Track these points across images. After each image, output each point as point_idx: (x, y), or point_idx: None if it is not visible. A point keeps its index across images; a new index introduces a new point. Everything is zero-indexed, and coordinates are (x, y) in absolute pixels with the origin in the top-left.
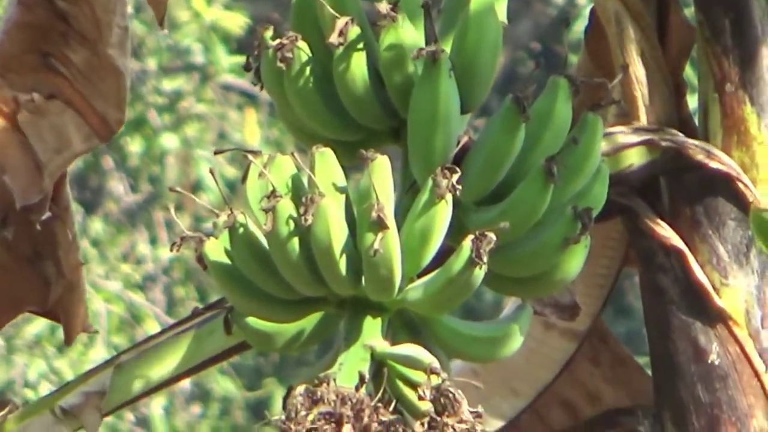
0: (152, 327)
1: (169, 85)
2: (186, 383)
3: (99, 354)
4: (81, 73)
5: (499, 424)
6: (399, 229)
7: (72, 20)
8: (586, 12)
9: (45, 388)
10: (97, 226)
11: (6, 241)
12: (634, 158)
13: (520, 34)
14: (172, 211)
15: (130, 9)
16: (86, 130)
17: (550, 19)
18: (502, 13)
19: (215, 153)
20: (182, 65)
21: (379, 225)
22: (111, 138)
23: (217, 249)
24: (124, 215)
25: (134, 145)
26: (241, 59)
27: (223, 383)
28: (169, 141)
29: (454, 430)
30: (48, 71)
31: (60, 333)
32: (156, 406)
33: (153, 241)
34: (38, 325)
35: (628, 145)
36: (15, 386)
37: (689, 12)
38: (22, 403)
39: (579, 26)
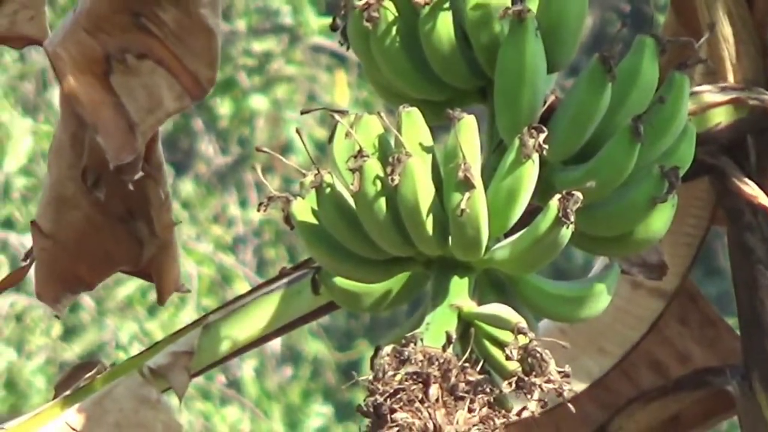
0: (242, 288)
1: (258, 46)
2: (277, 345)
3: (189, 316)
4: (172, 32)
5: (587, 383)
6: (486, 188)
7: None
8: None
9: (136, 350)
10: (187, 187)
11: (99, 201)
12: (722, 117)
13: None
14: (260, 172)
15: None
16: (178, 90)
17: None
18: None
19: (302, 113)
20: (271, 26)
21: (466, 184)
22: (203, 97)
23: (304, 209)
24: (214, 177)
25: (224, 107)
26: (329, 20)
27: (314, 345)
28: (258, 102)
29: (542, 389)
30: (139, 31)
31: (151, 295)
32: (247, 368)
33: (243, 203)
34: (129, 287)
35: (715, 104)
36: (107, 348)
37: None
38: (111, 365)
39: None
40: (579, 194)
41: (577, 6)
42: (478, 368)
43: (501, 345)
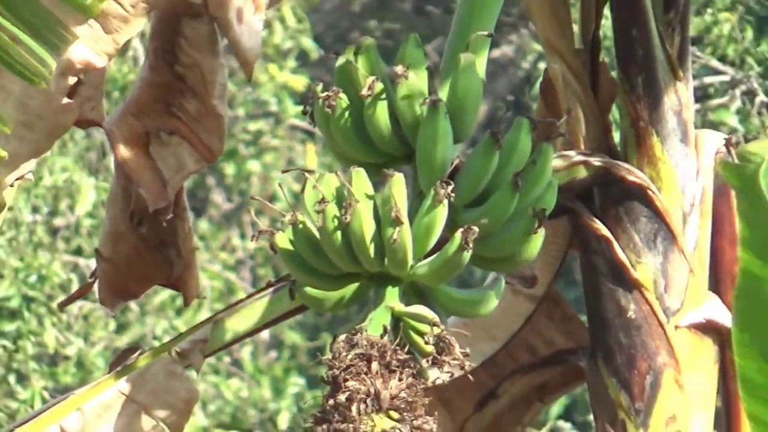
0: (242, 296)
1: (252, 126)
2: (266, 335)
3: (204, 315)
4: (193, 117)
5: (481, 360)
6: (411, 224)
7: (187, 80)
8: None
9: (167, 339)
10: (203, 225)
11: (142, 235)
12: (576, 174)
13: (498, 89)
14: (254, 215)
15: (226, 73)
16: (197, 157)
17: (520, 78)
18: (482, 72)
19: (283, 172)
20: (262, 113)
21: (397, 222)
22: (214, 161)
23: (284, 239)
24: (222, 218)
25: (229, 169)
26: (302, 107)
27: (291, 335)
28: (253, 166)
29: (450, 365)
30: (170, 116)
31: (178, 301)
32: (245, 351)
33: (242, 236)
34: (163, 295)
35: (571, 165)
36: (147, 338)
37: (614, 72)
38: (149, 349)
39: (539, 83)
40: (476, 228)
41: (475, 96)
42: (405, 350)
43: (421, 334)
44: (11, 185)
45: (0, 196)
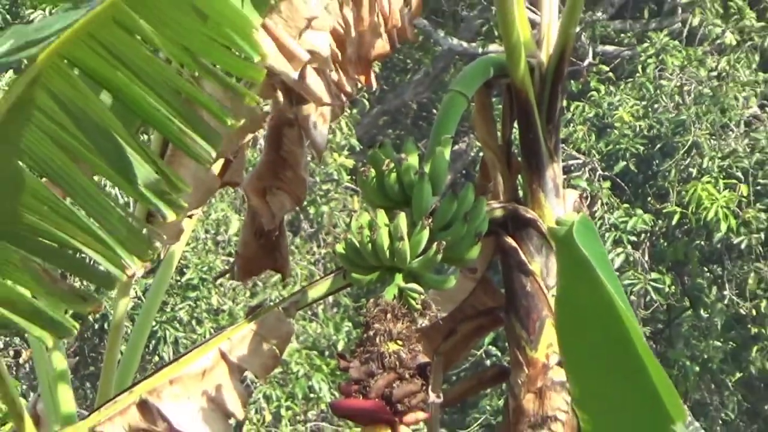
0: (317, 279)
1: (324, 187)
2: (330, 299)
3: (297, 289)
4: (290, 180)
5: (445, 314)
6: (409, 240)
7: (287, 160)
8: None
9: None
10: (297, 240)
11: (261, 243)
12: (498, 213)
13: (456, 167)
14: (324, 235)
15: (308, 157)
16: (291, 202)
17: (468, 161)
18: (447, 157)
19: (339, 212)
20: (328, 179)
21: (401, 239)
22: (301, 205)
23: (341, 248)
24: (307, 237)
25: (311, 209)
26: (350, 176)
27: (344, 299)
28: (324, 208)
29: (428, 315)
30: (277, 179)
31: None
32: (320, 308)
33: (318, 246)
34: (274, 277)
35: (495, 208)
36: (266, 301)
37: (520, 158)
38: (267, 307)
39: (479, 164)
40: (444, 242)
41: (444, 171)
42: (405, 308)
43: (414, 299)
44: (189, 217)
45: (180, 226)
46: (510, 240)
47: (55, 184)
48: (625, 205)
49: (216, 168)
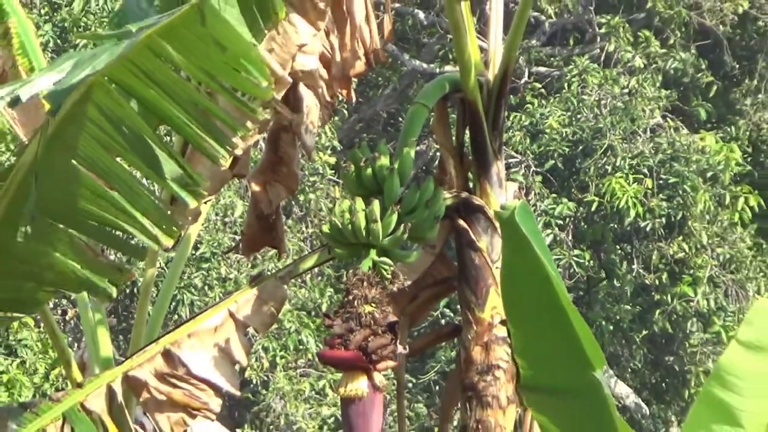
0: (306, 254)
1: (311, 178)
2: (317, 270)
3: (289, 262)
4: (285, 175)
5: (410, 283)
6: (381, 221)
7: (283, 158)
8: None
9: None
10: (289, 222)
11: (261, 224)
12: (453, 201)
13: (419, 164)
14: (312, 217)
15: (300, 155)
16: (285, 192)
17: (429, 158)
18: (412, 156)
19: (325, 199)
20: (315, 173)
21: (375, 221)
22: (293, 194)
23: (326, 228)
24: (297, 219)
25: (300, 197)
26: (333, 171)
27: (328, 270)
28: (311, 196)
29: (396, 283)
30: (275, 173)
31: (273, 254)
32: (307, 277)
33: (306, 226)
34: (271, 251)
35: (451, 197)
36: (264, 271)
37: (471, 156)
38: (266, 276)
39: (438, 161)
40: (410, 224)
41: (409, 166)
42: (378, 277)
43: (386, 270)
44: (205, 203)
45: (199, 210)
46: (462, 222)
47: (101, 178)
48: (554, 195)
49: (227, 163)
